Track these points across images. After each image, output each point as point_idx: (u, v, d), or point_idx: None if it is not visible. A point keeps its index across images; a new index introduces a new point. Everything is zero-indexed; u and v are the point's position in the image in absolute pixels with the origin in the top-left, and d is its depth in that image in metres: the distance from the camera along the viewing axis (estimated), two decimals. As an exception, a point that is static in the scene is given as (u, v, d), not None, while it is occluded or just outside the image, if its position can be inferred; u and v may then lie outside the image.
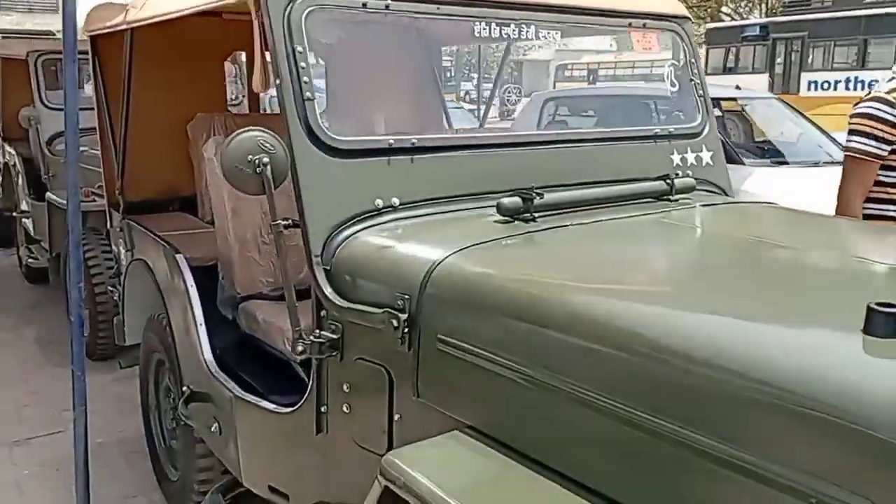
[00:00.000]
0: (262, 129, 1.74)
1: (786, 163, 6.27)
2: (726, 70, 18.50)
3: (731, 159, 4.21)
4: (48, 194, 5.31)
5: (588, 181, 2.20)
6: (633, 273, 1.62)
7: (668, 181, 2.19)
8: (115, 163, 3.29)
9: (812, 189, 5.16)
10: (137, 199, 3.37)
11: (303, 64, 1.85)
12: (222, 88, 3.94)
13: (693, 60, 2.66)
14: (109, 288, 3.71)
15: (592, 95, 8.90)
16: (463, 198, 2.02)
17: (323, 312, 1.82)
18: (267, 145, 1.72)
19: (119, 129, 3.11)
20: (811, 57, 17.12)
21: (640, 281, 1.55)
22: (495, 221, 1.88)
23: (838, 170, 6.21)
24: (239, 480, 2.33)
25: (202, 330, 2.37)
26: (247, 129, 1.72)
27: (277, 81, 1.83)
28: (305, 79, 1.85)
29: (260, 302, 2.58)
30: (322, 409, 1.87)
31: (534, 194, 1.86)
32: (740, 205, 2.24)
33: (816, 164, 6.04)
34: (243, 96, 6.23)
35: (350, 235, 1.82)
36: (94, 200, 4.42)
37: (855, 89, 15.88)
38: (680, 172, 2.41)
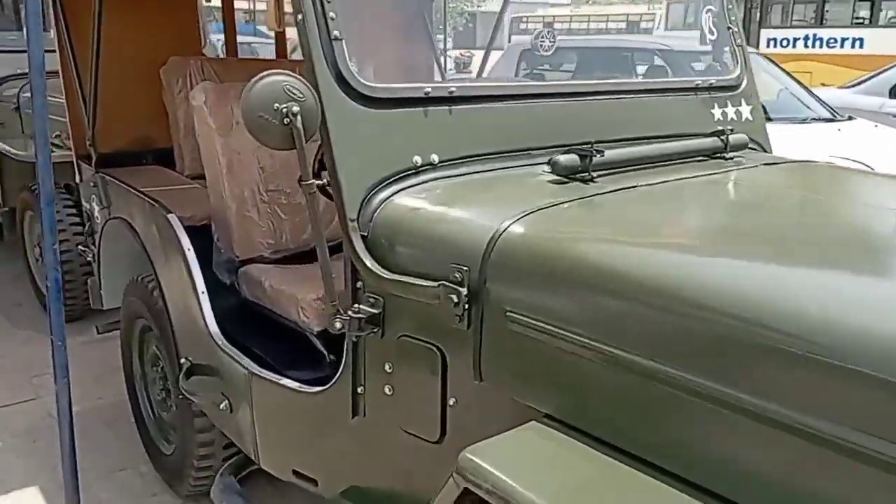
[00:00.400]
0: (288, 72, 1.50)
1: (769, 119, 6.17)
2: (686, 25, 18.40)
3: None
4: (-2, 144, 4.89)
5: (633, 136, 2.03)
6: (724, 243, 1.44)
7: (721, 138, 2.03)
8: (82, 111, 2.98)
9: (801, 147, 5.10)
10: (107, 150, 3.07)
11: None
12: (196, 30, 3.61)
13: (730, 6, 2.48)
14: (81, 248, 3.40)
15: (575, 47, 8.60)
16: (503, 155, 1.83)
17: (359, 284, 1.62)
18: (295, 92, 1.48)
19: (89, 74, 2.79)
20: (770, 13, 17.13)
21: (734, 251, 1.38)
22: (549, 182, 1.69)
23: (824, 127, 6.16)
24: (250, 459, 2.14)
25: (204, 298, 2.14)
26: (270, 72, 1.48)
27: (300, 17, 1.59)
28: (332, 14, 1.60)
29: (263, 267, 2.36)
30: (359, 391, 1.68)
31: (593, 151, 1.68)
32: (801, 163, 2.09)
33: (804, 121, 5.96)
34: (206, 41, 5.84)
35: (388, 197, 1.62)
36: (53, 151, 4.07)
37: (813, 47, 15.99)
38: (722, 128, 2.27)
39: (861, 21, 15.38)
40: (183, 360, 2.26)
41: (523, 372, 1.39)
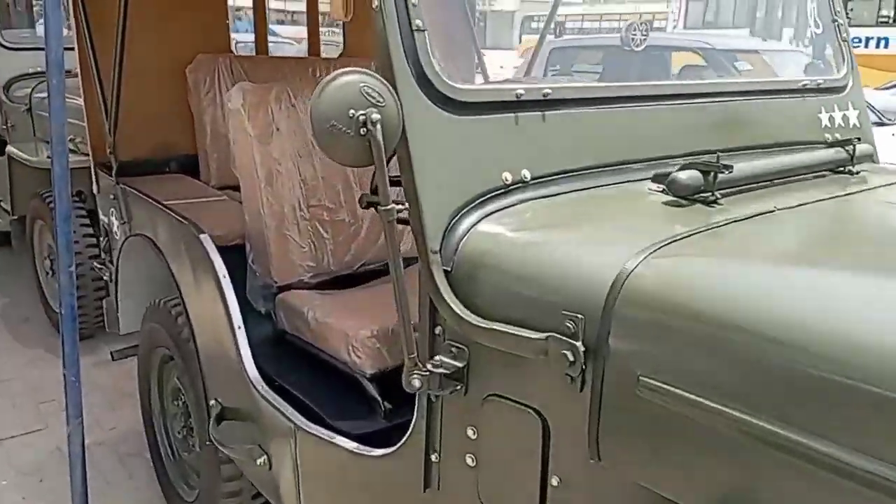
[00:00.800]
0: (366, 70, 1.21)
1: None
2: (706, 24, 18.03)
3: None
4: (8, 147, 4.64)
5: (743, 146, 1.74)
6: None
7: (847, 148, 1.73)
8: (102, 114, 2.69)
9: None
10: (128, 158, 2.79)
11: None
12: (225, 27, 3.33)
13: (835, -5, 2.17)
14: (96, 265, 3.12)
15: (601, 45, 8.22)
16: (600, 169, 1.53)
17: (438, 329, 1.33)
18: (375, 95, 1.19)
19: (111, 74, 2.51)
20: (793, 11, 16.74)
21: None
22: (665, 204, 1.39)
23: (877, 131, 5.84)
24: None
25: (241, 335, 1.85)
26: (346, 71, 1.19)
27: (376, 4, 1.29)
28: (414, 0, 1.31)
29: (305, 294, 2.07)
30: (433, 458, 1.38)
31: (720, 167, 1.37)
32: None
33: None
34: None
35: (475, 223, 1.32)
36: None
37: (836, 45, 15.59)
38: (829, 136, 1.97)
39: (886, 20, 14.98)
40: (212, 403, 1.97)
41: (660, 455, 1.08)
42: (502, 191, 1.38)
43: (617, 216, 1.38)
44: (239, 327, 1.86)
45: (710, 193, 1.39)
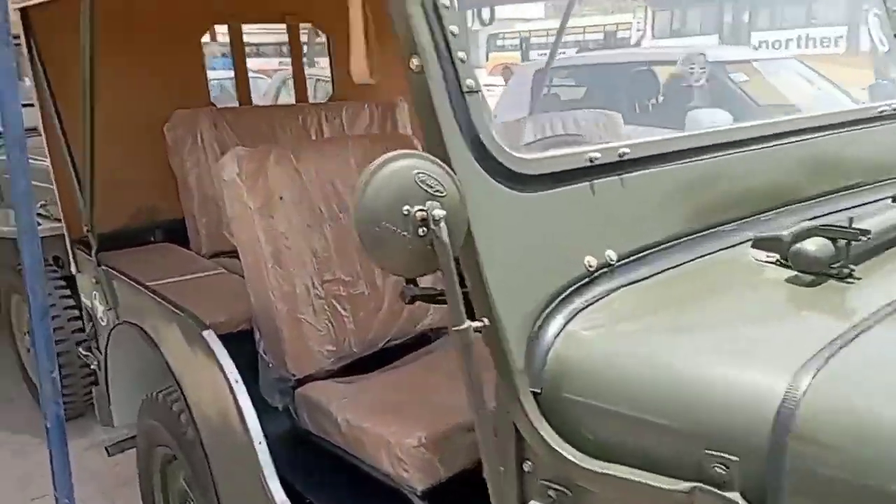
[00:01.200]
0: (419, 153, 0.94)
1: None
2: (673, 33, 17.99)
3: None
4: (-27, 218, 4.29)
5: (836, 189, 1.52)
6: None
7: None
8: (74, 185, 2.41)
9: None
10: (107, 230, 2.50)
11: (453, 28, 1.06)
12: (203, 79, 3.06)
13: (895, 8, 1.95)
14: (82, 352, 2.81)
15: (577, 65, 7.98)
16: (693, 237, 1.28)
17: (528, 466, 1.06)
18: (433, 183, 0.93)
19: (82, 139, 2.22)
20: (760, 15, 16.78)
21: None
22: (789, 281, 1.14)
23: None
24: None
25: (263, 451, 1.57)
26: (392, 156, 0.92)
27: (415, 63, 1.03)
28: (461, 54, 1.06)
29: (330, 387, 1.79)
30: None
31: (856, 232, 1.12)
32: None
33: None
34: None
35: (562, 326, 1.06)
36: (39, 224, 3.49)
37: (806, 47, 15.61)
38: None
39: (851, 18, 15.01)
40: None
41: None
42: (587, 279, 1.12)
43: (737, 304, 1.13)
44: (260, 443, 1.57)
45: (840, 263, 1.14)
